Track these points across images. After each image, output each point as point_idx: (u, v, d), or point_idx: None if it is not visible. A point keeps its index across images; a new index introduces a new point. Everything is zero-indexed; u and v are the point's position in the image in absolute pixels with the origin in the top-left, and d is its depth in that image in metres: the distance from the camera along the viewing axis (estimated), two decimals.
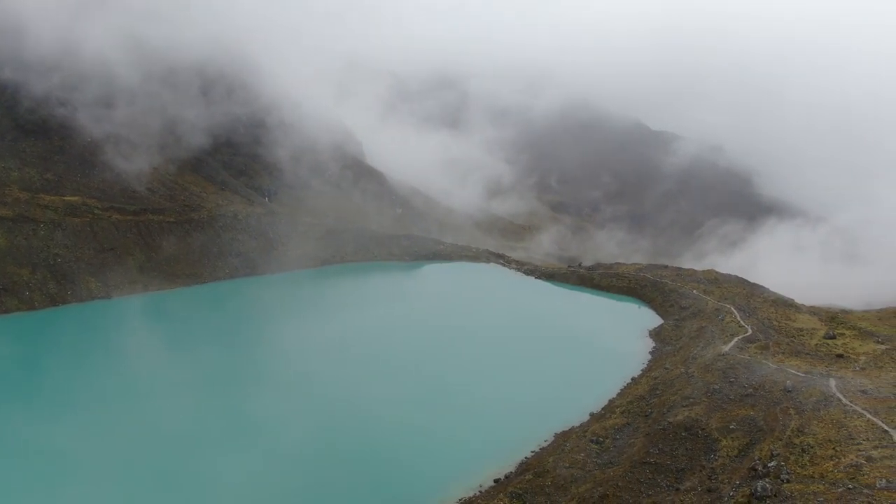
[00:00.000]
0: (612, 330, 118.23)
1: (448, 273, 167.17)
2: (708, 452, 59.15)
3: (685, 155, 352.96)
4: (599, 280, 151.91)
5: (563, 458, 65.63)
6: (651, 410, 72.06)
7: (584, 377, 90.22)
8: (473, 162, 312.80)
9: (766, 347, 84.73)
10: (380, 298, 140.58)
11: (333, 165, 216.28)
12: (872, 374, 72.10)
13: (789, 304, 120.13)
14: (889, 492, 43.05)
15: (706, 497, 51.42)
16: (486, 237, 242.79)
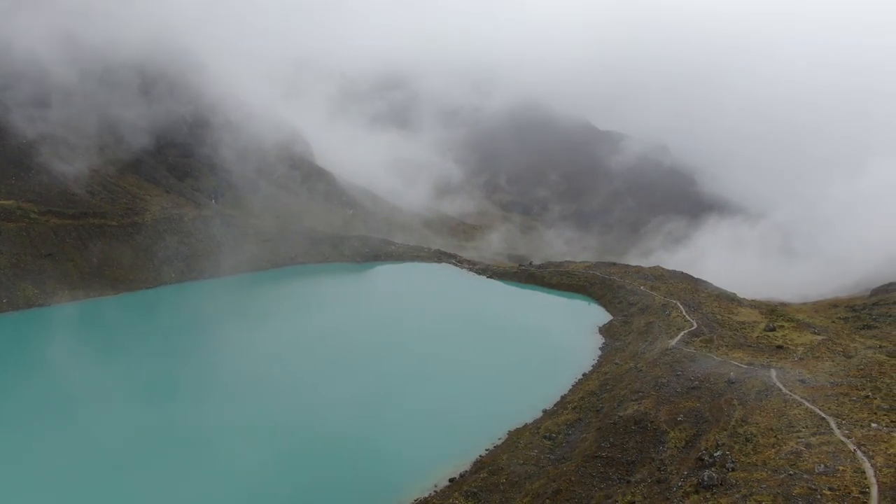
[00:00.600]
0: (562, 327, 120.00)
1: (400, 274, 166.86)
2: (657, 444, 60.63)
3: (631, 154, 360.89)
4: (550, 278, 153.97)
5: (517, 454, 66.35)
6: (602, 405, 73.44)
7: (536, 374, 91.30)
8: (423, 162, 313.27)
9: (710, 341, 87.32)
10: (331, 300, 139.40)
11: (281, 166, 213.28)
12: (810, 364, 75.14)
13: (732, 298, 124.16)
14: (827, 476, 44.93)
15: (656, 488, 52.69)
16: (435, 237, 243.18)
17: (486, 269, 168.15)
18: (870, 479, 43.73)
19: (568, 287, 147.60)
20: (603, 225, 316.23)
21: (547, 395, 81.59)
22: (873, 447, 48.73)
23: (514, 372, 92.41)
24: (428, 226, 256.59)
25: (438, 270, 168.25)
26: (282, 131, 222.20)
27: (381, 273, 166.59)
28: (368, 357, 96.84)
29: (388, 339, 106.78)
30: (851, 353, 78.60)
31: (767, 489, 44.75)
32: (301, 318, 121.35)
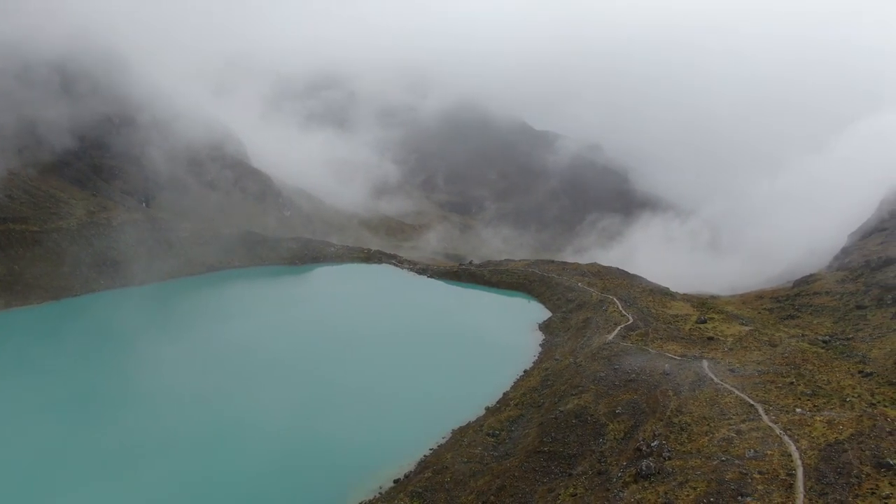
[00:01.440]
0: (503, 325, 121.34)
1: (340, 275, 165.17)
2: (597, 437, 62.11)
3: (566, 154, 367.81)
4: (490, 277, 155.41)
5: (461, 453, 66.79)
6: (543, 401, 74.70)
7: (478, 372, 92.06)
8: (360, 161, 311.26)
9: (646, 334, 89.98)
10: (269, 304, 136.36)
11: (213, 166, 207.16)
12: (739, 354, 78.48)
13: (665, 292, 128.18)
14: (757, 461, 47.07)
15: (597, 480, 53.97)
16: (373, 237, 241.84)
17: (426, 269, 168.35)
18: (796, 462, 46.07)
19: (508, 285, 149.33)
20: (539, 223, 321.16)
21: (490, 392, 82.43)
22: (798, 431, 51.31)
23: (457, 371, 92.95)
24: (365, 226, 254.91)
25: (379, 271, 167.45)
26: (213, 130, 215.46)
27: (321, 275, 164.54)
28: (307, 361, 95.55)
29: (328, 342, 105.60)
30: (776, 343, 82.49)
31: (702, 475, 46.53)
32: (237, 323, 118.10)
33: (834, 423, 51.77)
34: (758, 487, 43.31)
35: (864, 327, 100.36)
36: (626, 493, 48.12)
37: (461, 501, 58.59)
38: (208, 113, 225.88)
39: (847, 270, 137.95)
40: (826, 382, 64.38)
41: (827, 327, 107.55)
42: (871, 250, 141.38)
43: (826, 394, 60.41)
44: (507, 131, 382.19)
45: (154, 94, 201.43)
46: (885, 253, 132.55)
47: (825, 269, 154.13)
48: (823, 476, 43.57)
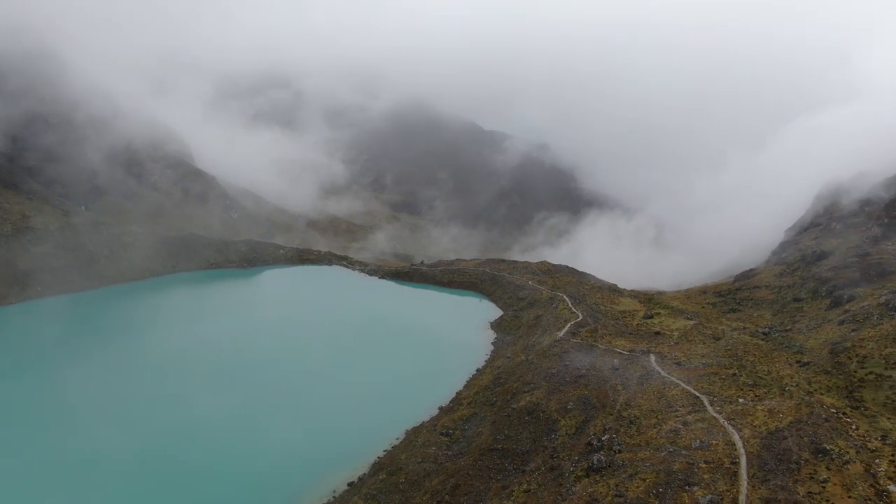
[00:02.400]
0: (456, 324, 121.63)
1: (290, 278, 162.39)
2: (549, 433, 62.92)
3: (515, 153, 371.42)
4: (441, 277, 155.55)
5: (416, 453, 66.73)
6: (496, 399, 75.26)
7: (431, 372, 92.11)
8: (308, 162, 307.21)
9: (595, 331, 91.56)
10: (217, 308, 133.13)
11: (155, 167, 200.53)
12: (684, 348, 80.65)
13: (613, 289, 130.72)
14: (703, 451, 48.52)
15: (549, 475, 54.68)
16: (322, 237, 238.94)
17: (377, 270, 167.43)
18: (739, 450, 47.66)
19: (459, 285, 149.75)
20: (488, 222, 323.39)
21: (443, 392, 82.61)
22: (741, 420, 53.10)
23: (410, 371, 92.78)
24: (314, 227, 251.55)
25: (330, 273, 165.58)
26: (154, 129, 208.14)
27: (270, 278, 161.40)
28: (257, 366, 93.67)
29: (281, 345, 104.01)
30: (720, 336, 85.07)
31: (651, 467, 47.67)
32: (184, 328, 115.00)
33: (774, 411, 53.74)
34: (704, 476, 44.62)
35: (801, 319, 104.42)
36: (579, 486, 48.90)
37: (416, 502, 58.57)
38: (148, 111, 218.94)
39: (784, 265, 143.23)
40: (766, 373, 66.73)
41: (767, 320, 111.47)
42: (807, 245, 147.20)
43: (766, 384, 62.64)
44: (456, 131, 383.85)
45: (90, 91, 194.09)
46: (819, 247, 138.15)
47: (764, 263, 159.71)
48: (765, 463, 45.17)
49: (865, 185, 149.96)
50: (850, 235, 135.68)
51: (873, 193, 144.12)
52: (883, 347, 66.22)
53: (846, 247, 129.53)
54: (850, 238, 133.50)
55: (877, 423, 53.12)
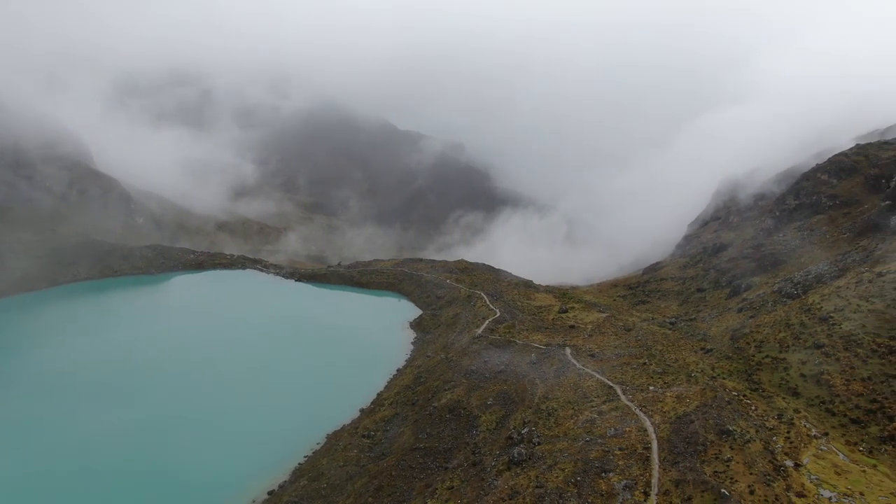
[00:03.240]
0: (375, 325, 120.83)
1: (201, 283, 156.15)
2: (470, 429, 63.61)
3: (430, 153, 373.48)
4: (360, 277, 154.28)
5: (337, 457, 65.89)
6: (417, 398, 75.39)
7: (352, 374, 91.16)
8: (217, 162, 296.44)
9: (512, 326, 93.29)
10: (123, 318, 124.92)
11: (48, 168, 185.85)
12: (598, 340, 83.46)
13: (529, 285, 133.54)
14: (617, 438, 50.37)
15: (472, 470, 55.28)
16: (233, 240, 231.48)
17: (293, 273, 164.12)
18: (651, 436, 49.82)
19: (377, 285, 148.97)
20: (404, 221, 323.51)
21: (364, 393, 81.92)
22: (652, 407, 55.50)
23: (330, 374, 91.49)
24: (224, 229, 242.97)
25: (243, 277, 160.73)
26: (46, 128, 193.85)
27: (180, 284, 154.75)
28: (172, 374, 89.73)
29: (194, 353, 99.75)
30: (630, 327, 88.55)
31: (569, 457, 49.07)
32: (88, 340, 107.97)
33: (682, 397, 56.49)
34: (619, 463, 46.34)
35: (704, 308, 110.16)
36: (500, 480, 49.69)
37: None
38: (39, 109, 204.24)
39: (688, 257, 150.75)
40: (674, 360, 70.02)
41: (673, 310, 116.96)
42: (708, 238, 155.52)
43: (674, 371, 65.75)
44: (371, 131, 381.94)
45: None
46: (718, 240, 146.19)
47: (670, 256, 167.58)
48: (675, 447, 47.40)
49: (759, 181, 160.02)
50: (746, 228, 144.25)
51: (766, 188, 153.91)
52: (777, 332, 70.81)
53: (743, 239, 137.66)
54: (746, 231, 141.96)
55: (773, 403, 56.81)
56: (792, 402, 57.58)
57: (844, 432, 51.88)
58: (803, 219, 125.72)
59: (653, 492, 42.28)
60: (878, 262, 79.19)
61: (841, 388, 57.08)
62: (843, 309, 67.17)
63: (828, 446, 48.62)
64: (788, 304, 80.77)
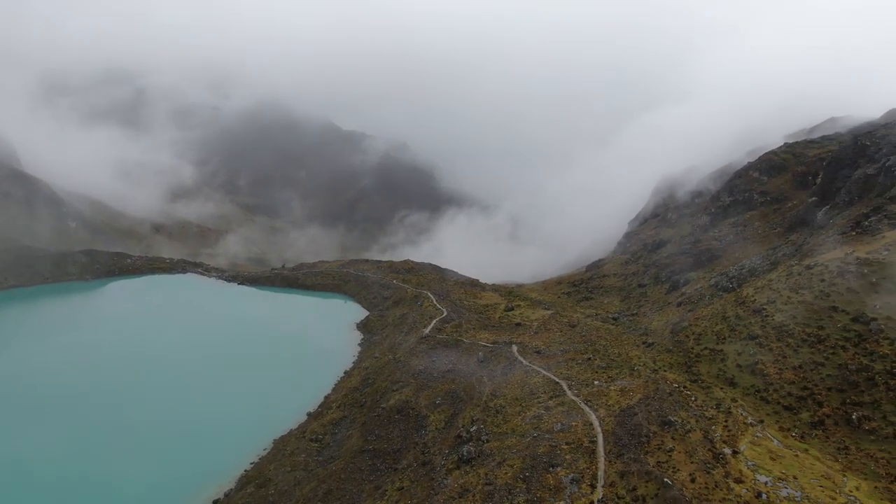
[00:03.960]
0: (321, 327, 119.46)
1: (140, 289, 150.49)
2: (419, 429, 63.58)
3: (374, 153, 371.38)
4: (305, 279, 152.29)
5: (284, 462, 64.87)
6: (365, 400, 74.90)
7: (298, 378, 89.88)
8: (154, 163, 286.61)
9: (459, 325, 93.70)
10: (57, 327, 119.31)
11: None
12: (544, 337, 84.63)
13: (475, 283, 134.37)
14: (564, 433, 51.18)
15: (421, 470, 55.28)
16: (171, 243, 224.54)
17: (236, 276, 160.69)
18: (596, 429, 50.84)
19: (323, 287, 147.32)
20: (349, 222, 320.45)
21: (311, 397, 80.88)
22: (597, 401, 56.64)
23: (276, 378, 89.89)
24: (160, 232, 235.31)
25: (184, 282, 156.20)
26: None
27: (119, 290, 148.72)
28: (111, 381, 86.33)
29: (133, 360, 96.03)
30: (575, 323, 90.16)
31: (517, 453, 49.60)
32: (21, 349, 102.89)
33: (625, 390, 57.86)
34: (566, 457, 47.12)
35: (646, 303, 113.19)
36: (450, 479, 49.86)
37: None
38: None
39: (629, 254, 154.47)
40: (617, 355, 71.66)
41: (616, 305, 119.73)
42: (648, 235, 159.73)
43: (618, 365, 67.30)
44: (314, 131, 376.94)
45: None
46: (658, 237, 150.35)
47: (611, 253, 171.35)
48: (619, 439, 48.52)
49: (696, 179, 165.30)
50: (683, 225, 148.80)
51: (703, 185, 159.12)
52: (714, 325, 73.33)
53: (681, 235, 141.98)
54: (684, 227, 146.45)
55: (712, 393, 58.80)
56: (729, 391, 59.73)
57: (778, 419, 54.14)
58: (737, 215, 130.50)
59: (599, 484, 43.16)
60: (806, 255, 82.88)
61: (774, 377, 59.54)
62: (774, 301, 70.03)
63: (763, 433, 50.64)
64: (724, 298, 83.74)
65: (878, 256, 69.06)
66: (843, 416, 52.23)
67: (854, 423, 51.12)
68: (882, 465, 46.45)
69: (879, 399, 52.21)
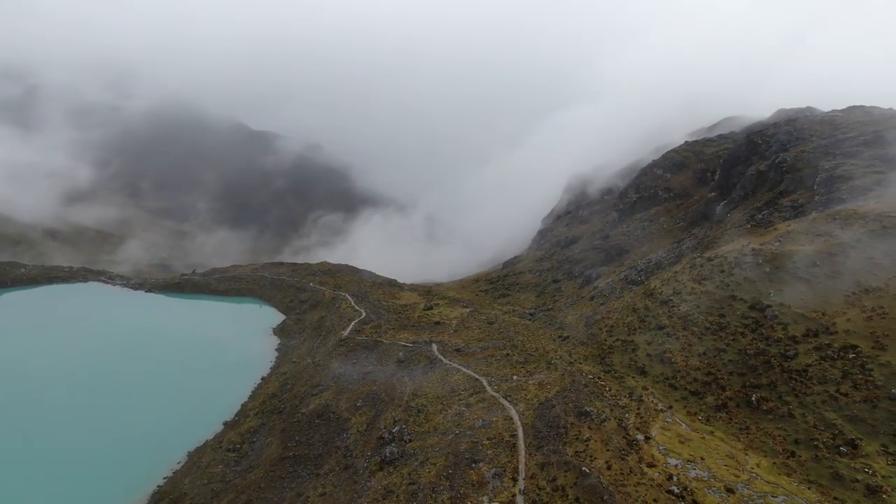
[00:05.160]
0: (236, 334, 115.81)
1: (37, 299, 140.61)
2: (341, 432, 62.88)
3: (288, 154, 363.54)
4: (217, 285, 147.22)
5: (200, 475, 62.60)
6: (284, 406, 73.31)
7: (213, 387, 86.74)
8: (47, 165, 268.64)
9: (379, 326, 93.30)
10: None
11: None
12: (463, 334, 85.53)
13: (393, 283, 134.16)
14: (485, 429, 51.93)
15: (344, 474, 54.69)
16: (68, 250, 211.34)
17: (144, 283, 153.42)
18: (516, 423, 51.87)
19: (237, 292, 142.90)
20: (261, 224, 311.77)
21: (227, 406, 78.33)
22: (516, 396, 57.79)
23: (190, 388, 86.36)
24: (54, 237, 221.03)
25: (87, 291, 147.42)
26: None
27: (12, 302, 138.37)
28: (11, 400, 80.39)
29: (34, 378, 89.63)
30: (493, 320, 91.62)
31: (440, 451, 49.91)
32: None
33: (543, 384, 59.33)
34: (488, 452, 47.82)
35: (560, 298, 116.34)
36: (374, 481, 49.57)
37: None
38: None
39: (543, 251, 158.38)
40: (535, 350, 73.37)
41: (532, 301, 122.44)
42: (560, 232, 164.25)
43: (535, 359, 68.91)
44: (223, 132, 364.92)
45: None
46: (570, 233, 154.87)
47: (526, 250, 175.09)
48: (539, 432, 49.69)
49: (605, 176, 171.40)
50: (594, 221, 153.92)
51: (612, 182, 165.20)
52: (625, 317, 76.26)
53: (592, 231, 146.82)
54: (595, 223, 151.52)
55: (625, 382, 61.17)
56: (641, 380, 62.31)
57: (686, 404, 56.95)
58: (643, 211, 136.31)
59: (520, 477, 44.06)
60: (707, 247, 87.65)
61: (681, 365, 62.57)
62: (680, 292, 73.59)
63: (672, 418, 53.15)
64: (634, 291, 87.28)
65: (770, 247, 73.80)
66: (743, 399, 55.52)
67: (754, 404, 54.44)
68: (779, 441, 49.71)
69: (775, 381, 55.84)
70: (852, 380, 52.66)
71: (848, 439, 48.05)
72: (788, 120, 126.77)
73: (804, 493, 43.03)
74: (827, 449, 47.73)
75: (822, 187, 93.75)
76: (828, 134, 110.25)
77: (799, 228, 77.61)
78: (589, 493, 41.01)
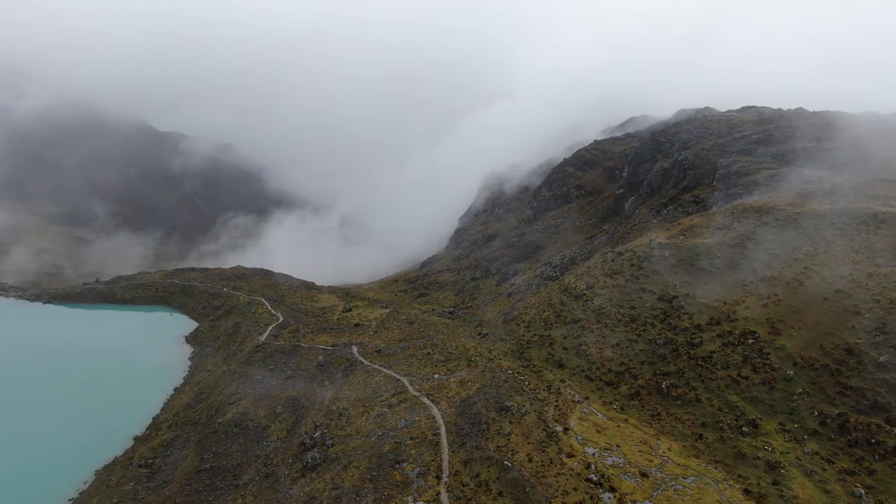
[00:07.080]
0: (145, 344, 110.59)
1: None
2: (260, 441, 61.30)
3: (196, 155, 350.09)
4: (123, 294, 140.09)
5: (110, 494, 59.46)
6: (199, 416, 70.72)
7: (121, 401, 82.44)
8: None
9: (297, 330, 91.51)
10: None
11: None
12: (383, 335, 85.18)
13: (311, 286, 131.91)
14: (408, 429, 51.94)
15: (265, 483, 53.34)
16: None
17: (41, 294, 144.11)
18: (439, 422, 52.16)
19: (145, 300, 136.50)
20: (168, 228, 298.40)
21: (137, 419, 74.74)
22: (438, 394, 58.11)
23: (96, 404, 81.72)
24: None
25: None
26: None
27: None
28: None
29: None
30: (413, 320, 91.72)
31: (363, 454, 49.53)
32: None
33: (465, 381, 59.93)
34: (411, 452, 47.85)
35: (479, 295, 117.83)
36: (296, 488, 48.63)
37: None
38: None
39: (461, 249, 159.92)
40: (455, 348, 73.99)
41: (451, 300, 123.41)
42: (477, 230, 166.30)
43: (456, 357, 69.49)
44: (125, 133, 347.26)
45: None
46: (487, 231, 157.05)
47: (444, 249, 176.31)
48: (461, 429, 50.17)
49: (520, 174, 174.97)
50: (510, 219, 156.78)
51: (527, 180, 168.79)
52: (542, 312, 78.13)
53: (507, 229, 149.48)
54: (511, 221, 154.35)
55: (543, 376, 62.67)
56: (558, 373, 64.02)
57: (601, 394, 58.96)
58: (557, 208, 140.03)
59: (444, 474, 44.34)
60: (617, 242, 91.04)
61: (596, 356, 64.75)
62: (593, 286, 76.10)
63: (589, 409, 54.92)
64: (549, 286, 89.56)
65: (675, 241, 77.50)
66: (654, 386, 58.06)
67: (664, 391, 57.04)
68: (688, 426, 52.31)
69: (683, 368, 58.72)
70: (752, 364, 56.11)
71: (749, 419, 51.18)
72: (689, 119, 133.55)
73: (711, 472, 45.50)
74: (731, 430, 50.65)
75: (720, 183, 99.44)
76: (724, 133, 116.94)
77: (701, 222, 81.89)
78: (511, 487, 41.79)
